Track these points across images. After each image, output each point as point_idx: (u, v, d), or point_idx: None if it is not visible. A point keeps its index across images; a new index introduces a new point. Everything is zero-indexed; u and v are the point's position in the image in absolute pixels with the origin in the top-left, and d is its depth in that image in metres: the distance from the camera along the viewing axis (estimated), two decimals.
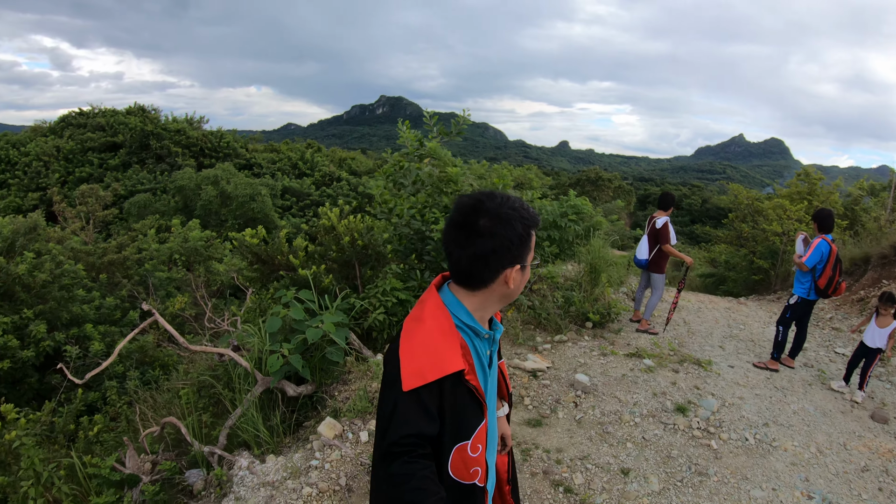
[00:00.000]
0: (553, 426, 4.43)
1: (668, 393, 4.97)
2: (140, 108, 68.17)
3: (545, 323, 6.20)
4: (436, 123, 7.71)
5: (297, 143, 77.53)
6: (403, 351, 1.72)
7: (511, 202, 1.72)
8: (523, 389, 4.97)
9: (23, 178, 55.30)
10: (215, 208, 44.68)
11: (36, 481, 4.50)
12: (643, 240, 6.80)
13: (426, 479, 1.59)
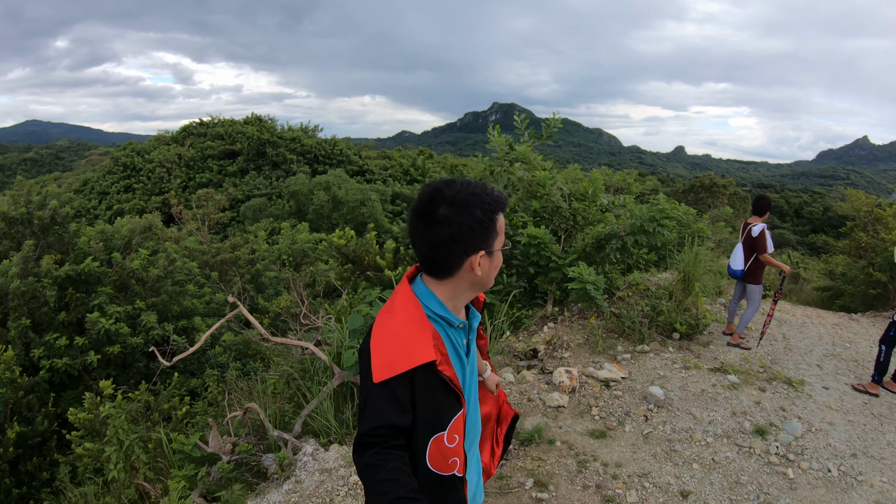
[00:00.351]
0: (617, 439, 4.28)
1: (749, 413, 4.66)
2: (257, 118, 72.67)
3: (628, 332, 6.03)
4: (527, 128, 7.73)
5: (409, 150, 79.59)
6: (374, 343, 1.74)
7: (471, 188, 1.70)
8: (592, 399, 4.84)
9: (147, 183, 60.63)
10: (327, 212, 46.68)
11: (118, 448, 4.96)
12: (738, 248, 6.43)
13: (396, 470, 1.61)
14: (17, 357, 8.47)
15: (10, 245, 10.44)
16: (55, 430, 8.27)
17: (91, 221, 48.41)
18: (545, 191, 7.07)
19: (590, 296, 5.84)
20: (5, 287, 9.21)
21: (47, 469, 7.77)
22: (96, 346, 9.67)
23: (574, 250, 6.58)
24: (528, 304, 7.58)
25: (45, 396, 8.80)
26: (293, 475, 4.51)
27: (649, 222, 6.04)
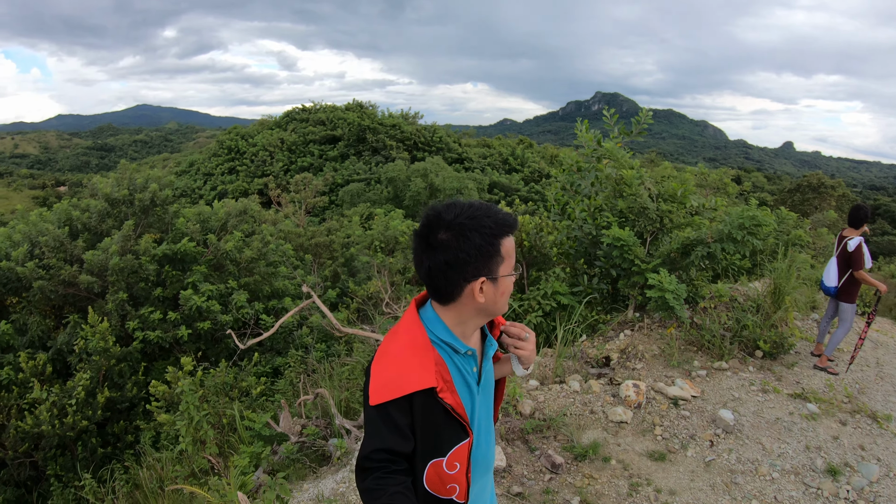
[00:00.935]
0: (676, 464, 4.07)
1: (823, 448, 4.29)
2: (358, 104, 74.80)
3: (708, 346, 5.71)
4: (616, 122, 7.49)
5: (509, 139, 79.36)
6: (374, 365, 1.75)
7: (472, 211, 1.65)
8: (658, 417, 4.63)
9: (250, 166, 63.98)
10: (423, 200, 47.46)
11: (189, 422, 5.31)
12: (831, 262, 5.92)
13: (398, 495, 1.61)
14: (113, 328, 9.16)
15: (113, 224, 11.28)
16: (143, 398, 8.92)
17: (195, 201, 51.65)
18: (631, 190, 6.84)
19: (669, 305, 5.61)
20: (106, 263, 9.97)
21: (132, 433, 8.39)
22: (188, 322, 10.31)
23: (659, 254, 6.33)
24: (609, 307, 7.39)
25: (137, 365, 9.49)
26: (349, 464, 4.64)
27: (738, 230, 5.70)
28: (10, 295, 10.12)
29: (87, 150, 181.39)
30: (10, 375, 8.27)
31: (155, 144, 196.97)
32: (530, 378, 5.57)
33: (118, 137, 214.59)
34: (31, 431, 7.33)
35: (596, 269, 7.28)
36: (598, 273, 7.29)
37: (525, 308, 7.30)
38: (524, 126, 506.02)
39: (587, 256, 7.41)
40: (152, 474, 5.91)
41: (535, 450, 4.33)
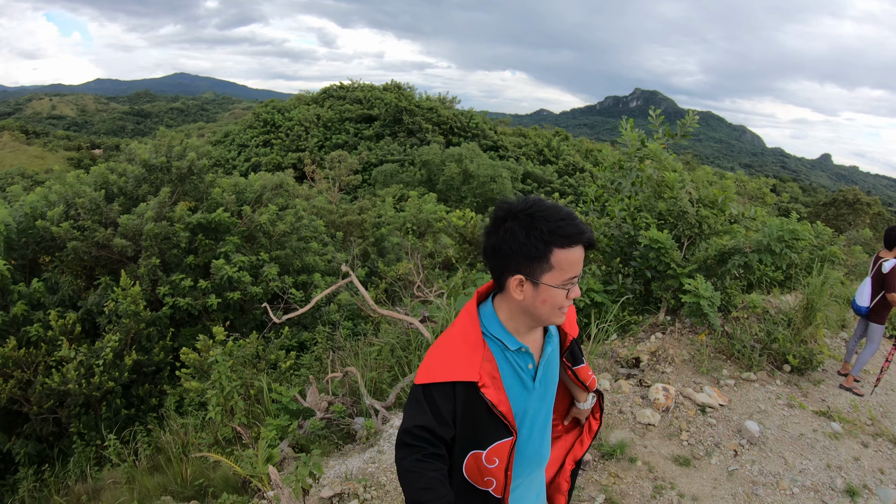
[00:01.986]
0: (700, 470, 4.07)
1: (844, 468, 4.23)
2: (396, 85, 74.87)
3: (738, 356, 5.66)
4: (661, 123, 7.41)
5: (545, 130, 78.86)
6: (429, 351, 1.82)
7: (539, 211, 1.66)
8: (685, 422, 4.62)
9: (285, 140, 64.57)
10: (456, 185, 47.52)
11: (219, 392, 5.43)
12: (865, 282, 5.83)
13: (434, 480, 1.66)
14: (144, 292, 9.35)
15: (149, 190, 11.48)
16: (169, 363, 9.11)
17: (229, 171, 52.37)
18: (672, 193, 6.78)
19: (703, 312, 5.56)
20: (140, 227, 10.15)
21: (156, 396, 8.59)
22: (218, 291, 10.48)
23: (695, 260, 6.28)
24: (641, 309, 7.36)
25: (165, 330, 9.68)
26: (377, 444, 4.70)
27: (777, 242, 5.62)
28: (44, 254, 10.38)
29: (124, 115, 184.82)
30: (40, 332, 8.51)
31: (191, 113, 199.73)
32: None
33: (155, 104, 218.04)
34: (57, 389, 7.56)
35: (631, 269, 7.24)
36: (633, 273, 7.25)
37: None
38: (560, 118, 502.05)
39: (623, 256, 7.37)
40: (175, 439, 6.06)
41: None
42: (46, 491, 6.45)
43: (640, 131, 7.49)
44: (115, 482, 5.69)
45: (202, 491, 4.97)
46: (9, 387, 7.48)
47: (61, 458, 7.70)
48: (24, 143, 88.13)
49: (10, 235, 9.74)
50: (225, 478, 4.81)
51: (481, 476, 1.83)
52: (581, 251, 1.68)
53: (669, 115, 7.20)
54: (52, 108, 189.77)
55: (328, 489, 3.99)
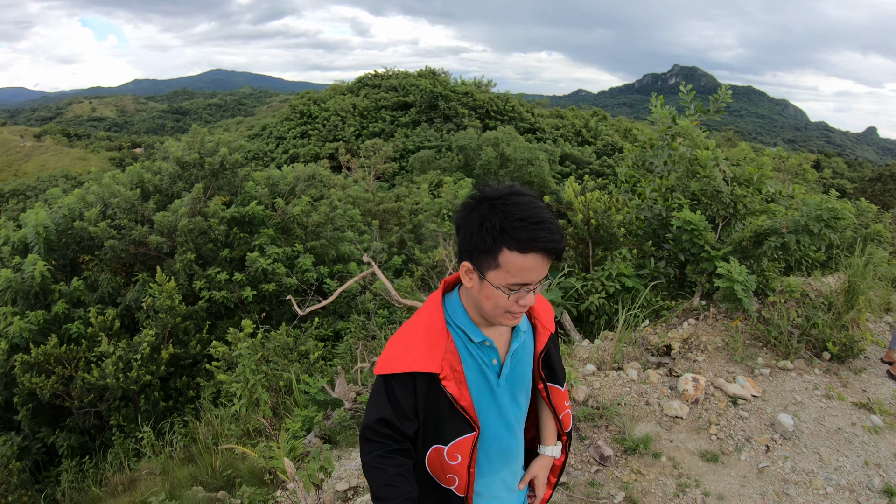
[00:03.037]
0: (729, 467, 3.88)
1: (883, 466, 3.96)
2: (430, 70, 74.76)
3: (774, 343, 5.41)
4: (693, 99, 7.14)
5: (582, 110, 77.82)
6: (390, 339, 1.77)
7: (505, 204, 1.55)
8: (715, 415, 4.43)
9: (321, 130, 65.16)
10: (493, 169, 47.33)
11: (244, 384, 5.49)
12: None
13: (397, 476, 1.64)
14: (180, 287, 9.54)
15: (183, 186, 11.68)
16: (206, 355, 9.29)
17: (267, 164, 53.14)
18: (705, 172, 6.53)
19: (737, 297, 5.35)
20: (175, 224, 10.34)
21: (193, 388, 8.77)
22: (253, 283, 10.64)
23: (730, 241, 6.04)
24: (674, 293, 7.16)
25: (202, 324, 9.87)
26: None
27: (815, 222, 5.35)
28: (83, 253, 10.68)
29: (163, 114, 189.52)
30: (80, 329, 8.78)
31: (229, 108, 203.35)
32: (587, 363, 5.45)
33: (193, 101, 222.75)
34: (96, 383, 7.78)
35: (664, 252, 7.05)
36: (666, 257, 7.05)
37: (588, 289, 7.15)
38: (599, 98, 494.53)
39: (655, 238, 7.17)
40: (209, 430, 6.16)
41: (584, 439, 4.24)
42: (86, 482, 6.63)
43: (671, 108, 7.24)
44: (150, 473, 5.83)
45: (230, 482, 5.03)
46: (50, 383, 7.73)
47: (103, 449, 7.93)
48: (67, 145, 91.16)
49: (49, 237, 10.03)
50: (252, 469, 4.86)
51: (444, 473, 1.78)
52: (537, 259, 1.55)
53: (710, 90, 6.94)
54: (91, 110, 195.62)
55: (344, 482, 3.99)
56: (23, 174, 72.65)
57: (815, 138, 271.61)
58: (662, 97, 7.34)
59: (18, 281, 9.15)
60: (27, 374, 7.90)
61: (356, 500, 3.87)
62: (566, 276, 7.39)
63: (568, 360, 5.53)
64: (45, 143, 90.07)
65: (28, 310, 9.07)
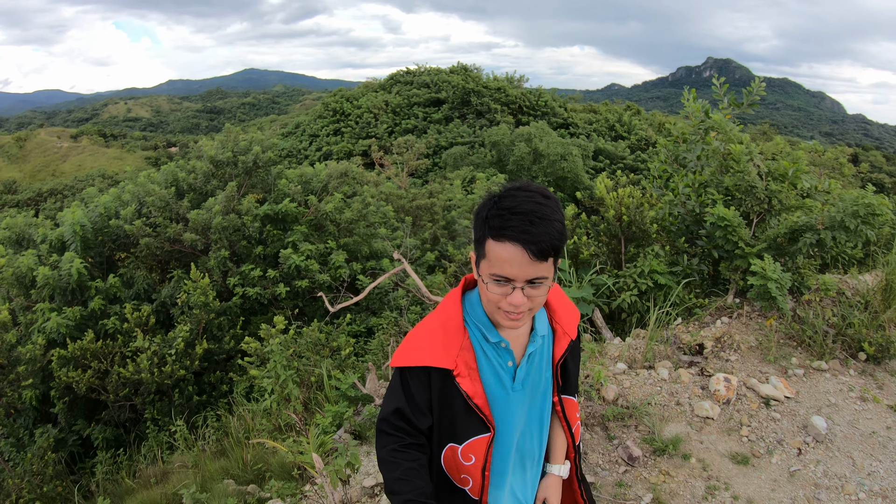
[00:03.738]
0: (759, 470, 3.77)
1: None
2: (462, 67, 74.65)
3: (809, 342, 5.27)
4: (726, 93, 7.00)
5: (616, 105, 76.96)
6: (410, 332, 1.77)
7: (503, 195, 1.55)
8: (746, 416, 4.33)
9: (354, 128, 65.60)
10: (527, 165, 47.14)
11: (275, 379, 5.56)
12: None
13: (411, 471, 1.63)
14: (214, 283, 9.71)
15: (217, 185, 11.87)
16: (239, 350, 9.44)
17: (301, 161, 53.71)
18: (739, 167, 6.40)
19: (771, 295, 5.22)
20: (209, 221, 10.52)
21: (227, 383, 8.93)
22: (286, 280, 10.77)
23: (765, 238, 5.91)
24: (708, 291, 7.04)
25: (235, 319, 10.03)
26: None
27: (851, 218, 5.19)
28: (119, 250, 10.94)
29: (197, 113, 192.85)
30: (116, 325, 8.99)
31: (262, 107, 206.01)
32: (618, 361, 5.39)
33: (227, 101, 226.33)
34: (131, 378, 7.96)
35: (697, 249, 6.93)
36: (699, 253, 6.94)
37: (620, 286, 7.07)
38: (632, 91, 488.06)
39: (688, 235, 7.06)
40: (241, 424, 6.26)
41: (613, 438, 4.19)
42: (120, 474, 6.80)
43: (703, 102, 7.11)
44: (183, 466, 5.94)
45: (261, 476, 5.10)
46: (87, 377, 7.94)
47: (137, 442, 8.12)
48: (103, 146, 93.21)
49: (86, 235, 10.31)
50: (282, 464, 4.92)
51: (458, 472, 1.77)
52: (514, 251, 1.50)
53: (744, 83, 6.80)
54: (127, 111, 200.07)
55: (371, 478, 4.01)
56: (60, 174, 74.64)
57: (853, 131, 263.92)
58: (695, 91, 7.21)
59: (56, 278, 9.41)
60: (64, 368, 8.13)
61: (383, 496, 3.89)
62: (598, 273, 7.33)
63: (598, 358, 5.48)
64: (82, 144, 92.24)
65: (65, 306, 9.33)
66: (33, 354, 8.30)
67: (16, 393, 8.45)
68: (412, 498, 1.58)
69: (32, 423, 8.94)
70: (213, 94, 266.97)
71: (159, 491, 5.40)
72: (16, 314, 9.64)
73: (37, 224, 11.51)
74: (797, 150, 7.26)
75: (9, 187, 67.54)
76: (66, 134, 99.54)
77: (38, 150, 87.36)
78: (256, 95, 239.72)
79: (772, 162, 6.61)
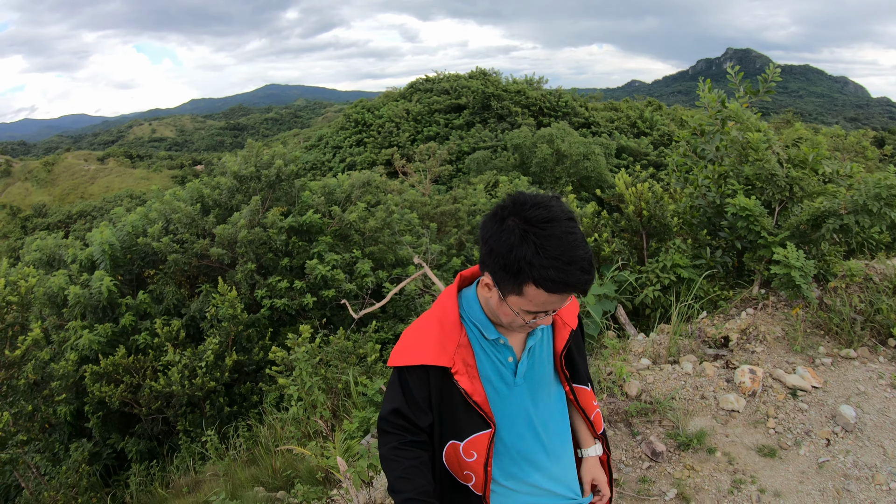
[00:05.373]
0: (787, 462, 3.67)
1: None
2: (481, 71, 74.73)
3: (836, 330, 5.14)
4: (742, 81, 6.90)
5: (637, 101, 76.30)
6: (405, 331, 1.77)
7: (542, 230, 1.46)
8: (773, 408, 4.22)
9: (377, 137, 65.99)
10: (550, 166, 46.96)
11: (301, 386, 5.62)
12: None
13: (412, 469, 1.64)
14: (242, 296, 9.85)
15: (242, 199, 12.05)
16: (269, 361, 9.55)
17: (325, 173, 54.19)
18: (758, 155, 6.29)
19: (795, 284, 5.12)
20: (235, 236, 10.68)
21: (257, 393, 9.03)
22: (313, 290, 10.86)
23: (787, 226, 5.79)
24: (733, 283, 6.93)
25: (264, 331, 10.15)
26: None
27: (874, 200, 5.06)
28: (148, 267, 11.16)
29: (221, 131, 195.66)
30: (147, 340, 9.20)
31: (285, 121, 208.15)
32: (642, 356, 5.33)
33: (249, 117, 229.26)
34: (163, 391, 8.12)
35: (720, 240, 6.83)
36: (722, 245, 6.84)
37: (643, 281, 7.01)
38: (653, 87, 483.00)
39: (710, 227, 6.97)
40: (271, 433, 6.33)
41: (636, 434, 4.14)
42: (153, 485, 6.91)
43: (719, 91, 7.02)
44: (214, 475, 6.02)
45: (290, 482, 5.15)
46: (119, 391, 8.12)
47: (170, 454, 8.26)
48: (130, 167, 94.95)
49: (115, 254, 10.55)
50: (309, 469, 4.96)
51: (460, 469, 1.76)
52: (563, 295, 1.50)
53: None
54: (152, 131, 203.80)
55: None
56: (88, 196, 76.18)
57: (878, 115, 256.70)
58: (710, 81, 7.13)
59: (87, 296, 9.65)
60: (97, 383, 8.33)
61: None
62: (620, 269, 7.27)
63: (621, 354, 5.42)
64: (109, 166, 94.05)
65: (97, 323, 9.57)
66: (66, 371, 8.51)
67: (50, 408, 8.63)
68: (413, 497, 1.60)
69: (68, 437, 9.17)
70: (236, 112, 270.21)
71: (191, 499, 5.49)
72: (49, 333, 9.91)
73: (66, 245, 11.83)
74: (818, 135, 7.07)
75: (39, 211, 69.20)
76: (92, 157, 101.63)
77: (66, 173, 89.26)
78: (278, 110, 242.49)
79: (792, 148, 6.50)
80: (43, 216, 66.14)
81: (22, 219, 68.92)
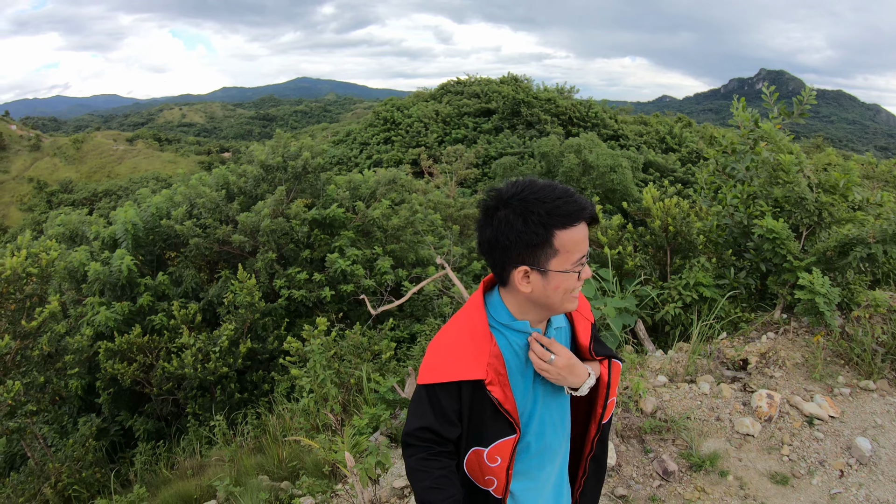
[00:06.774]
0: (798, 491, 3.60)
1: None
2: (513, 77, 74.71)
3: (857, 361, 5.05)
4: (776, 101, 6.82)
5: (666, 117, 75.80)
6: (431, 344, 1.74)
7: (532, 193, 1.54)
8: (788, 435, 4.16)
9: (405, 137, 66.23)
10: (576, 176, 46.83)
11: (314, 379, 5.63)
12: None
13: (442, 478, 1.63)
14: (260, 285, 9.91)
15: (267, 189, 12.15)
16: (282, 351, 9.60)
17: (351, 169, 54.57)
18: (789, 178, 6.21)
19: (819, 310, 5.04)
20: (258, 224, 10.76)
21: (269, 382, 9.08)
22: (332, 283, 10.91)
23: (814, 251, 5.71)
24: (755, 305, 6.84)
25: (280, 321, 10.21)
26: None
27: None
28: (170, 250, 11.30)
29: (250, 120, 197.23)
30: (163, 321, 9.29)
31: (314, 115, 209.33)
32: (659, 374, 5.28)
33: (279, 108, 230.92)
34: (175, 373, 8.21)
35: (745, 261, 6.75)
36: (747, 267, 6.75)
37: (664, 298, 6.94)
38: (684, 103, 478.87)
39: (736, 247, 6.89)
40: (280, 423, 6.35)
41: (649, 451, 4.10)
42: (158, 465, 6.97)
43: (752, 111, 6.94)
44: (220, 460, 6.05)
45: (295, 473, 5.16)
46: (132, 370, 8.21)
47: (177, 435, 8.33)
48: (158, 149, 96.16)
49: (137, 234, 10.69)
50: (316, 462, 4.97)
51: (482, 475, 1.76)
52: (585, 228, 1.57)
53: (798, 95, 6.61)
54: (182, 116, 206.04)
55: (402, 480, 4.02)
56: (115, 175, 77.30)
57: None
58: (744, 99, 7.05)
59: (106, 274, 9.78)
60: (110, 360, 8.44)
61: (412, 498, 3.89)
62: (642, 283, 7.21)
63: (639, 370, 5.38)
64: (137, 147, 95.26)
65: (114, 301, 9.70)
66: (81, 345, 8.60)
67: (62, 381, 8.74)
68: None
69: (77, 411, 9.30)
70: (266, 102, 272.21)
71: (195, 482, 5.51)
72: (66, 307, 10.04)
73: (90, 222, 11.99)
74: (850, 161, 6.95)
75: (65, 187, 70.31)
76: (121, 137, 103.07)
77: (95, 151, 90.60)
78: (308, 103, 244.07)
79: (823, 173, 6.41)
80: (69, 192, 67.21)
81: (48, 193, 70.14)
